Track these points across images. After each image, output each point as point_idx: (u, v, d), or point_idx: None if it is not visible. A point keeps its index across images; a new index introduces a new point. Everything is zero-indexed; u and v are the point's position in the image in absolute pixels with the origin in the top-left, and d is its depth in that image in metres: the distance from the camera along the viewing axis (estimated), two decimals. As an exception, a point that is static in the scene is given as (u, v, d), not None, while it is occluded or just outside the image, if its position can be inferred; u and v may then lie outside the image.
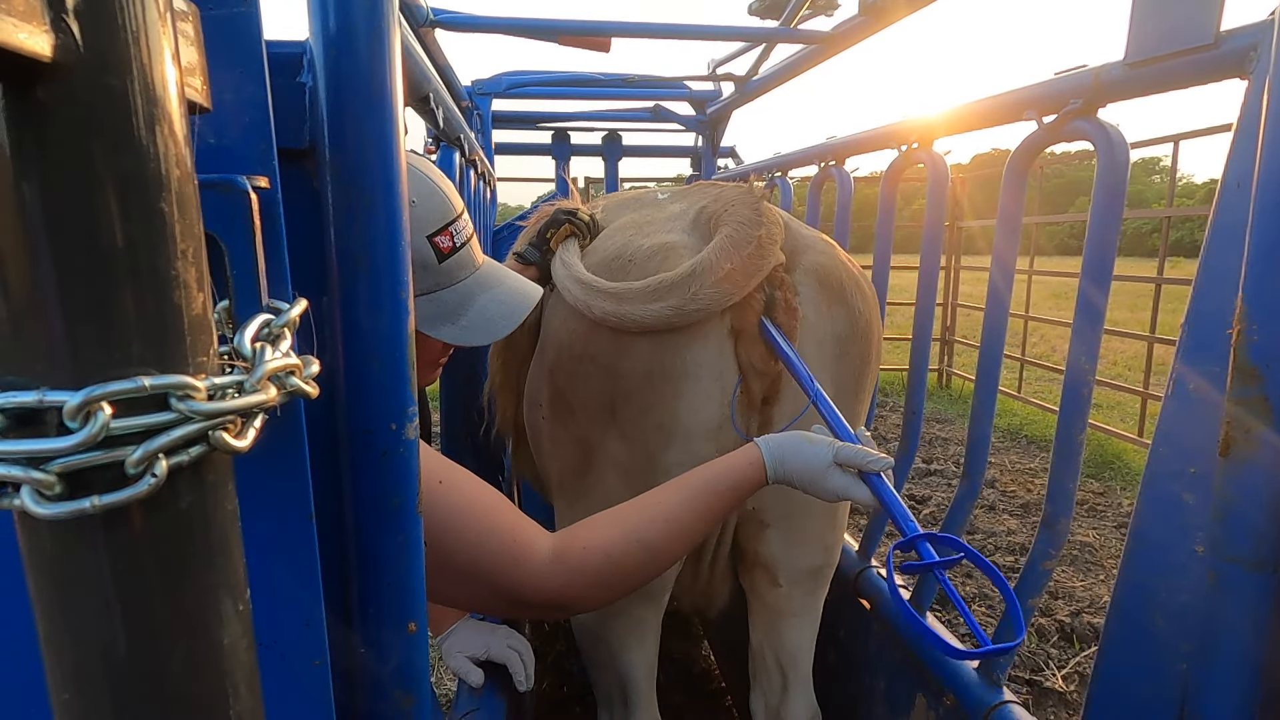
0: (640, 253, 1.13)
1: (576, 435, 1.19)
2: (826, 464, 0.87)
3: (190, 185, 0.30)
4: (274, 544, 0.48)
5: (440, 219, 0.89)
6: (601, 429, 1.15)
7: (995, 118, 1.18)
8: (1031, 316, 5.70)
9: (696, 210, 1.20)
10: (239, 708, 0.33)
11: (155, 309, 0.29)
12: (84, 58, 0.26)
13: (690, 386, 1.08)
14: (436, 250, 0.89)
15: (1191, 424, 0.74)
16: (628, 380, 1.10)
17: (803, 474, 0.88)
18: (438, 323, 0.90)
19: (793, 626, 1.34)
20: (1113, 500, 3.89)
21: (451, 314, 0.90)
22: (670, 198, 1.37)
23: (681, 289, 1.02)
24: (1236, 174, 0.72)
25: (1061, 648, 2.55)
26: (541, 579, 0.79)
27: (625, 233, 1.23)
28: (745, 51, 2.40)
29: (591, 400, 1.15)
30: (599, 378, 1.12)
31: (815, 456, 0.88)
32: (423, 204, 0.87)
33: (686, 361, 1.08)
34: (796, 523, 1.24)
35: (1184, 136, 3.96)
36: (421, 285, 0.88)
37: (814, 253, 1.16)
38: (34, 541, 0.29)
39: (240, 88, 0.44)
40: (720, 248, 1.04)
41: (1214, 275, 0.73)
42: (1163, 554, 0.77)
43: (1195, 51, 0.78)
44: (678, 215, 1.24)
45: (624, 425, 1.13)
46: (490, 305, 0.94)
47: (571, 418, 1.19)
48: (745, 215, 1.08)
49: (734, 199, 1.14)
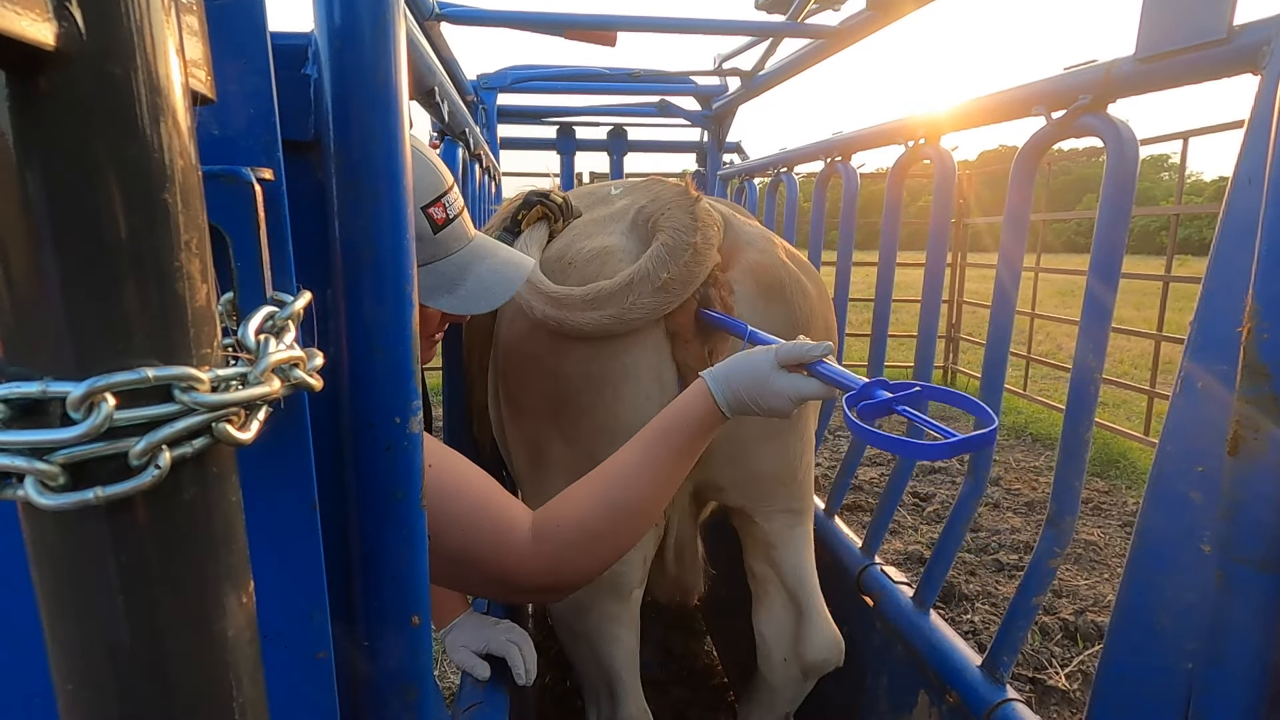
0: (580, 256, 1.14)
1: (527, 434, 1.20)
2: (770, 366, 0.85)
3: (194, 176, 0.30)
4: (277, 536, 0.48)
5: (433, 191, 0.89)
6: (547, 429, 1.16)
7: (1003, 113, 1.17)
8: (1038, 314, 5.67)
9: (635, 210, 1.19)
10: (242, 699, 0.34)
11: (159, 300, 0.28)
12: (87, 46, 0.26)
13: (630, 388, 1.10)
14: (431, 221, 0.89)
15: (1200, 422, 0.74)
16: (568, 383, 1.11)
17: (750, 385, 0.85)
18: (435, 293, 0.90)
19: (785, 555, 1.34)
20: (1118, 499, 3.88)
21: (449, 284, 0.91)
22: (621, 193, 1.37)
23: (620, 298, 1.03)
24: (1248, 170, 0.71)
25: (1065, 646, 2.55)
26: (526, 561, 0.80)
27: (572, 232, 1.23)
28: (751, 46, 2.39)
29: (537, 401, 1.15)
30: (541, 379, 1.13)
31: (758, 363, 0.86)
32: (415, 176, 0.87)
33: (625, 364, 1.09)
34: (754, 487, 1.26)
35: (1193, 133, 3.93)
36: (418, 257, 0.89)
37: (753, 250, 1.16)
38: (38, 532, 0.29)
39: (245, 79, 0.44)
40: (657, 256, 1.04)
41: (1224, 272, 0.73)
42: (1169, 553, 0.77)
43: (1207, 46, 0.77)
44: (619, 214, 1.23)
45: (566, 427, 1.13)
46: (486, 275, 0.94)
47: (521, 417, 1.20)
48: (681, 221, 1.07)
49: (670, 200, 1.13)
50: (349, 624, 0.58)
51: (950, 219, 1.41)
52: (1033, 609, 1.12)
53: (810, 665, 1.38)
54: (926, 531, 3.45)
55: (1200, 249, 16.48)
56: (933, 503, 3.76)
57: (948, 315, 6.37)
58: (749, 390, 0.85)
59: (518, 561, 0.79)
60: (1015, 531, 3.41)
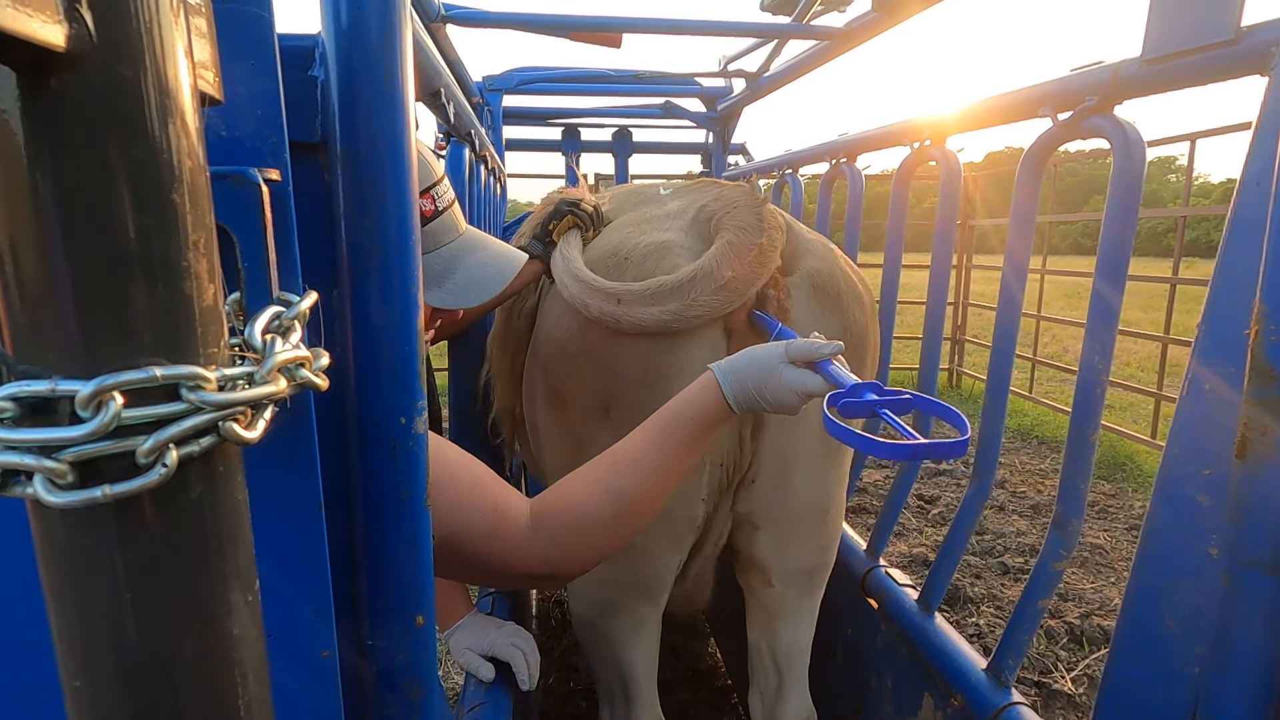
0: (636, 251, 1.13)
1: (569, 430, 1.20)
2: (779, 360, 0.85)
3: (202, 177, 0.30)
4: (283, 535, 0.49)
5: (421, 182, 0.88)
6: (595, 426, 1.15)
7: (1009, 115, 1.17)
8: (1044, 316, 5.65)
9: (696, 208, 1.19)
10: (248, 697, 0.34)
11: (167, 300, 0.29)
12: (97, 48, 0.26)
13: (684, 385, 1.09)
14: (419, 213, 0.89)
15: (1207, 425, 0.73)
16: (622, 379, 1.10)
17: (757, 378, 0.85)
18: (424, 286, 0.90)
19: (788, 626, 1.34)
20: (1124, 502, 3.86)
21: (437, 278, 0.89)
22: (672, 193, 1.36)
23: (681, 294, 1.02)
24: (1256, 172, 0.71)
25: (1071, 650, 2.53)
26: (523, 549, 0.79)
27: (624, 229, 1.22)
28: (757, 48, 2.39)
29: (585, 397, 1.14)
30: (593, 376, 1.12)
31: (766, 357, 0.86)
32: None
33: (682, 361, 1.08)
34: (788, 525, 1.25)
35: (1200, 135, 3.91)
36: None
37: (813, 258, 1.16)
38: (46, 530, 0.29)
39: (252, 80, 0.44)
40: (721, 254, 1.04)
41: (1232, 275, 0.72)
42: (1176, 556, 0.77)
43: (1215, 48, 0.77)
44: (676, 213, 1.23)
45: (618, 423, 1.12)
46: (475, 269, 0.93)
47: (565, 413, 1.19)
48: (747, 220, 1.07)
49: (736, 200, 1.13)
50: (353, 623, 0.58)
51: (956, 221, 1.41)
52: (1038, 612, 1.11)
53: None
54: (931, 534, 3.43)
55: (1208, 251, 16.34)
56: (938, 505, 3.75)
57: (953, 317, 6.35)
58: (756, 383, 0.85)
59: (514, 548, 0.78)
60: (1021, 534, 3.40)
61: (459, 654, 1.16)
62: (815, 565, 1.31)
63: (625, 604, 1.28)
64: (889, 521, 1.57)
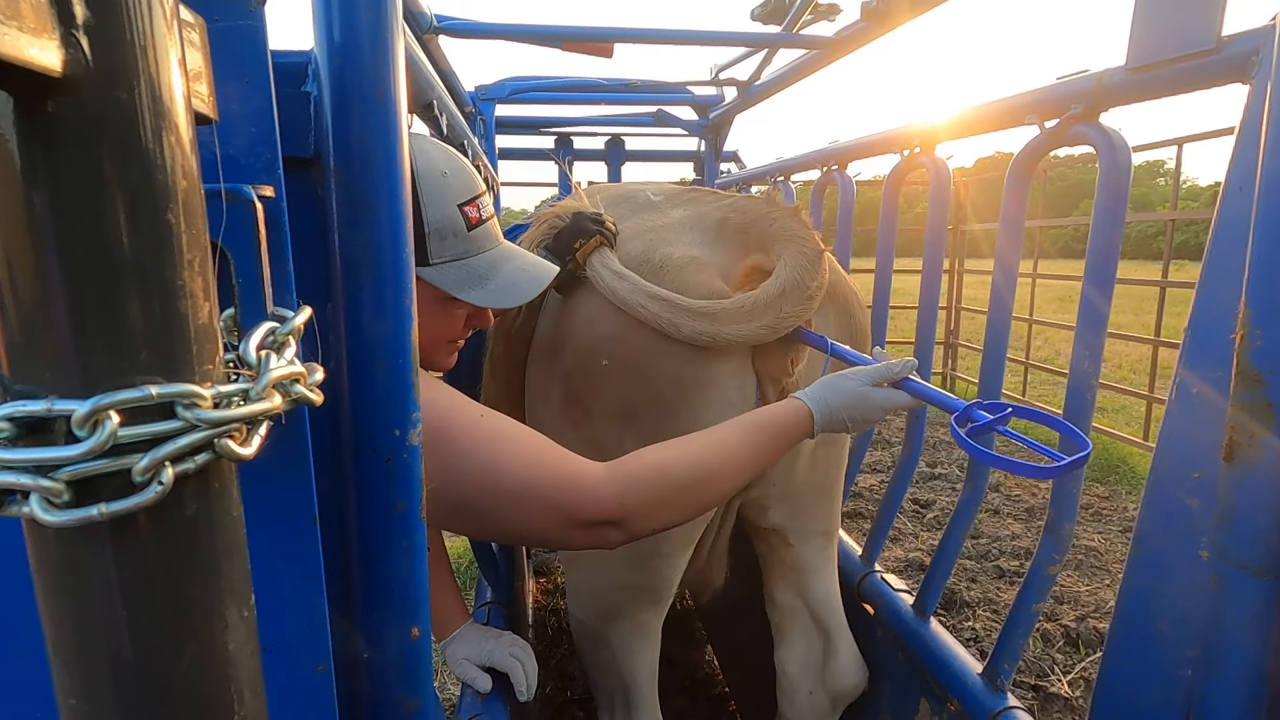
0: (671, 262, 1.16)
1: (589, 436, 1.20)
2: (866, 385, 0.94)
3: (197, 195, 0.31)
4: (278, 549, 0.49)
5: (469, 191, 0.91)
6: (619, 431, 1.17)
7: (997, 122, 1.18)
8: (1035, 320, 5.68)
9: (715, 221, 1.23)
10: (244, 712, 0.34)
11: (162, 318, 0.29)
12: (93, 71, 0.26)
13: (716, 394, 1.14)
14: (465, 219, 0.91)
15: (1195, 429, 0.74)
16: (656, 385, 1.13)
17: (850, 406, 0.93)
18: (465, 286, 0.91)
19: (819, 579, 1.41)
20: (1118, 504, 3.88)
21: (479, 280, 0.92)
22: (665, 201, 1.37)
23: (774, 308, 1.08)
24: (1239, 179, 0.72)
25: (1067, 653, 2.54)
26: (597, 491, 0.80)
27: (641, 238, 1.23)
28: (748, 57, 2.41)
29: (613, 403, 1.17)
30: (625, 382, 1.15)
31: (854, 385, 0.94)
32: (454, 175, 0.90)
33: (715, 371, 1.13)
34: (797, 502, 1.32)
35: (1188, 139, 3.95)
36: (453, 250, 0.90)
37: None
38: (42, 548, 0.29)
39: (246, 97, 0.45)
40: (801, 267, 1.10)
41: (1217, 280, 0.73)
42: (1167, 559, 0.77)
43: (1197, 56, 0.78)
44: (688, 223, 1.25)
45: (642, 429, 1.15)
46: (515, 273, 0.96)
47: (586, 420, 1.20)
48: (799, 231, 1.14)
49: (769, 215, 1.17)
50: (349, 636, 0.58)
51: (947, 226, 1.42)
52: (1033, 616, 1.12)
53: (840, 693, 1.42)
54: (926, 538, 3.44)
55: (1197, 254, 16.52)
56: (933, 509, 3.75)
57: (945, 321, 6.38)
58: (849, 410, 0.93)
59: (587, 492, 0.80)
60: (1015, 538, 3.41)
61: (456, 665, 1.16)
62: (827, 528, 1.39)
63: (630, 608, 1.29)
64: (884, 526, 1.57)
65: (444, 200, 0.88)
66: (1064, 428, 0.90)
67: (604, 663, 1.34)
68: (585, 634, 1.35)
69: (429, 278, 0.89)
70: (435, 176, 0.88)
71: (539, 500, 0.79)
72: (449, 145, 0.97)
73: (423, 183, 0.86)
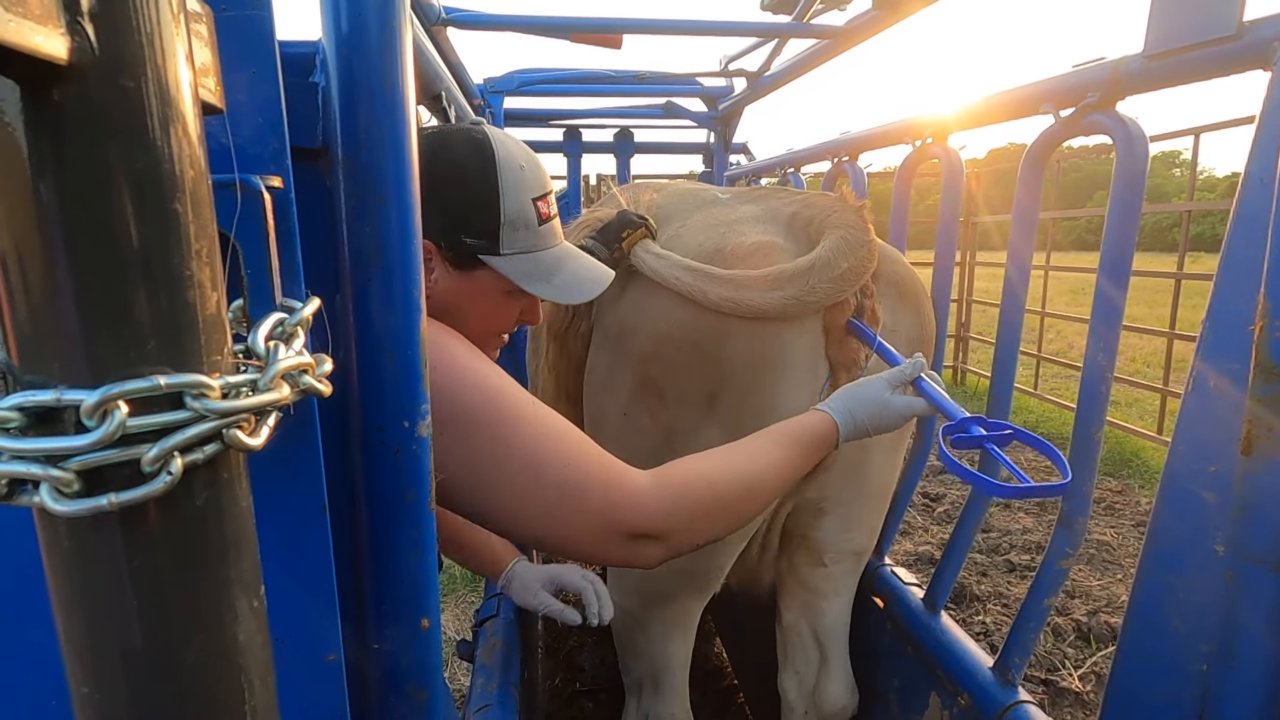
0: (742, 248, 1.19)
1: (664, 424, 1.23)
2: (887, 391, 0.95)
3: (204, 185, 0.31)
4: (288, 540, 0.49)
5: (541, 187, 0.93)
6: (696, 416, 1.20)
7: (1011, 112, 1.16)
8: (1048, 312, 5.63)
9: (788, 214, 1.27)
10: (254, 701, 0.34)
11: (170, 308, 0.29)
12: (99, 59, 0.26)
13: (788, 375, 1.16)
14: (538, 213, 0.92)
15: (1212, 422, 0.73)
16: (730, 365, 1.15)
17: (872, 413, 0.94)
18: (533, 279, 0.92)
19: (834, 604, 1.41)
20: (1131, 499, 3.85)
21: (545, 274, 0.93)
22: (734, 198, 1.41)
23: (801, 280, 1.09)
24: (1259, 168, 0.70)
25: (1078, 647, 2.53)
26: (643, 500, 0.77)
27: (714, 230, 1.27)
28: (757, 47, 2.38)
29: (692, 387, 1.19)
30: (700, 365, 1.17)
31: (875, 391, 0.95)
32: (530, 169, 0.91)
33: (786, 351, 1.15)
34: (854, 508, 1.32)
35: (1205, 129, 3.90)
36: (523, 243, 0.91)
37: (892, 263, 1.24)
38: (53, 538, 0.29)
39: (253, 88, 0.44)
40: (836, 247, 1.11)
41: (1236, 271, 0.72)
42: (1182, 553, 0.76)
43: (1216, 43, 0.77)
44: (759, 217, 1.29)
45: (722, 412, 1.18)
46: (580, 270, 0.97)
47: (661, 406, 1.22)
48: (854, 220, 1.16)
49: (830, 207, 1.21)
50: (358, 626, 0.58)
51: (959, 218, 1.40)
52: (1045, 610, 1.11)
53: (827, 714, 1.44)
54: (937, 532, 3.43)
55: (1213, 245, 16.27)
56: (943, 503, 3.74)
57: (957, 314, 6.34)
58: (871, 417, 0.94)
59: (633, 497, 0.77)
60: (1027, 532, 3.39)
61: (532, 595, 1.17)
62: (866, 546, 1.39)
63: (679, 594, 1.31)
64: (894, 520, 1.56)
65: (520, 192, 0.88)
66: (1054, 456, 0.90)
67: (638, 648, 1.37)
68: (624, 619, 1.37)
69: (499, 267, 0.89)
70: (514, 168, 0.88)
71: (583, 500, 0.74)
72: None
73: (502, 173, 0.87)
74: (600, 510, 0.75)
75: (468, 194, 0.86)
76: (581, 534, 0.75)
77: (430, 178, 0.83)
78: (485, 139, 0.88)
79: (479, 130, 0.90)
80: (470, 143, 0.88)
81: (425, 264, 0.85)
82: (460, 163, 0.86)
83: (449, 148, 0.87)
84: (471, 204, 0.87)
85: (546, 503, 0.74)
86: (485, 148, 0.87)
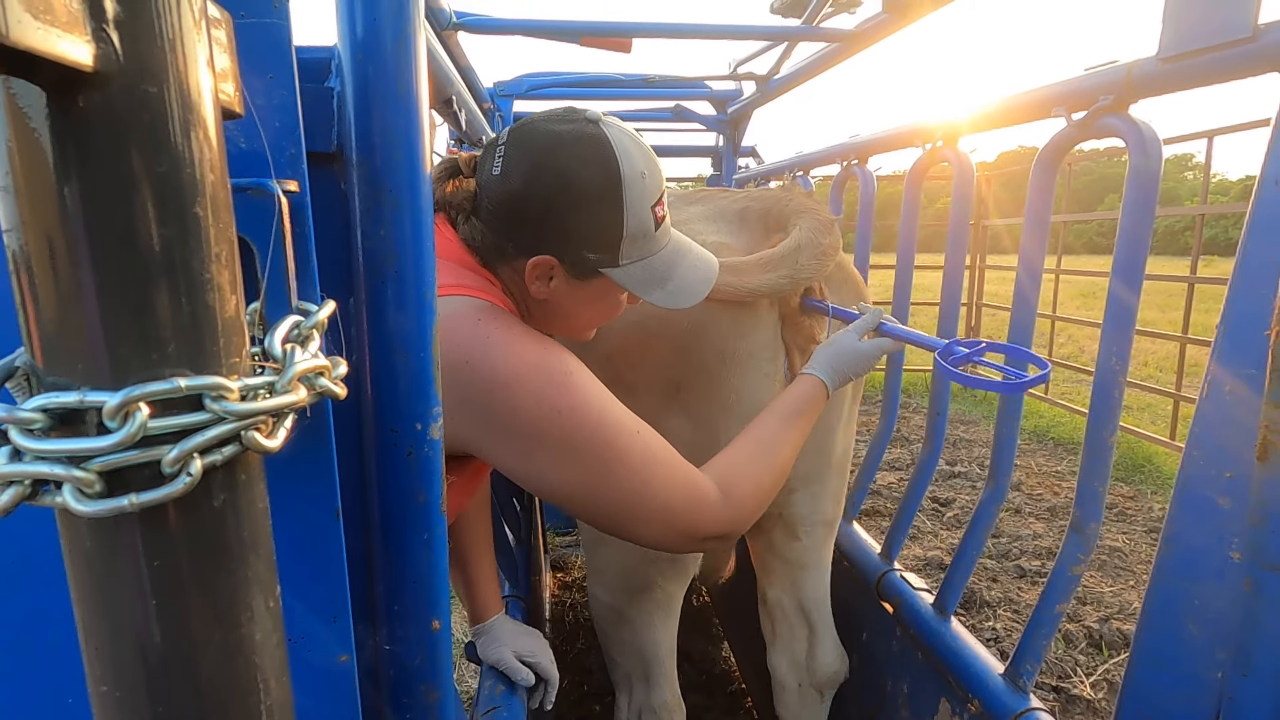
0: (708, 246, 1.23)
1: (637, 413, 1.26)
2: (857, 340, 1.07)
3: (224, 189, 0.31)
4: (302, 541, 0.49)
5: (658, 190, 0.91)
6: (665, 405, 1.25)
7: (1023, 115, 1.16)
8: (1059, 316, 5.59)
9: (737, 211, 1.34)
10: (269, 701, 0.34)
11: (190, 311, 0.29)
12: (123, 66, 0.26)
13: (753, 366, 1.25)
14: (655, 219, 0.90)
15: (1227, 427, 0.72)
16: (696, 357, 1.22)
17: (852, 363, 1.06)
18: (650, 288, 0.92)
19: (812, 576, 1.49)
20: (1143, 504, 3.81)
21: (660, 280, 0.93)
22: (679, 200, 1.45)
23: (790, 261, 1.18)
24: (1275, 171, 0.70)
25: (1090, 654, 2.50)
26: (717, 514, 0.88)
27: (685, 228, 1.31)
28: (767, 50, 2.39)
29: (658, 378, 1.24)
30: (668, 356, 1.22)
31: (848, 344, 1.07)
32: (650, 175, 0.88)
33: (751, 342, 1.23)
34: (822, 482, 1.41)
35: (1218, 132, 3.86)
36: (641, 251, 0.90)
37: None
38: (74, 538, 0.30)
39: (271, 93, 0.45)
40: (815, 228, 1.21)
41: (1251, 275, 0.71)
42: (1197, 560, 0.76)
43: (1232, 45, 0.76)
44: (708, 216, 1.34)
45: (686, 402, 1.24)
46: (689, 270, 0.96)
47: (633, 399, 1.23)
48: (812, 205, 1.26)
49: (784, 197, 1.30)
50: (371, 627, 0.59)
51: (969, 221, 1.40)
52: (1056, 616, 1.10)
53: (824, 681, 1.49)
54: (947, 537, 3.41)
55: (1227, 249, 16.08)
56: (953, 508, 3.71)
57: (967, 318, 6.31)
58: (850, 364, 1.05)
59: (711, 515, 0.87)
60: (1038, 537, 3.36)
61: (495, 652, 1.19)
62: (835, 515, 1.48)
63: (658, 582, 1.34)
64: (903, 524, 1.56)
65: (643, 204, 0.87)
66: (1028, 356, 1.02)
67: (624, 642, 1.39)
68: (607, 614, 1.39)
69: (617, 278, 0.89)
70: (637, 179, 0.85)
71: (670, 519, 0.85)
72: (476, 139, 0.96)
73: (627, 191, 0.84)
74: (684, 528, 0.86)
75: (594, 216, 0.85)
76: (662, 541, 0.87)
77: (551, 195, 0.83)
78: (611, 153, 0.84)
79: (600, 136, 0.85)
80: (596, 161, 0.84)
81: (544, 276, 0.89)
82: (585, 185, 0.83)
83: (573, 163, 0.83)
84: (597, 225, 0.86)
85: (638, 520, 0.85)
86: (611, 163, 0.84)
